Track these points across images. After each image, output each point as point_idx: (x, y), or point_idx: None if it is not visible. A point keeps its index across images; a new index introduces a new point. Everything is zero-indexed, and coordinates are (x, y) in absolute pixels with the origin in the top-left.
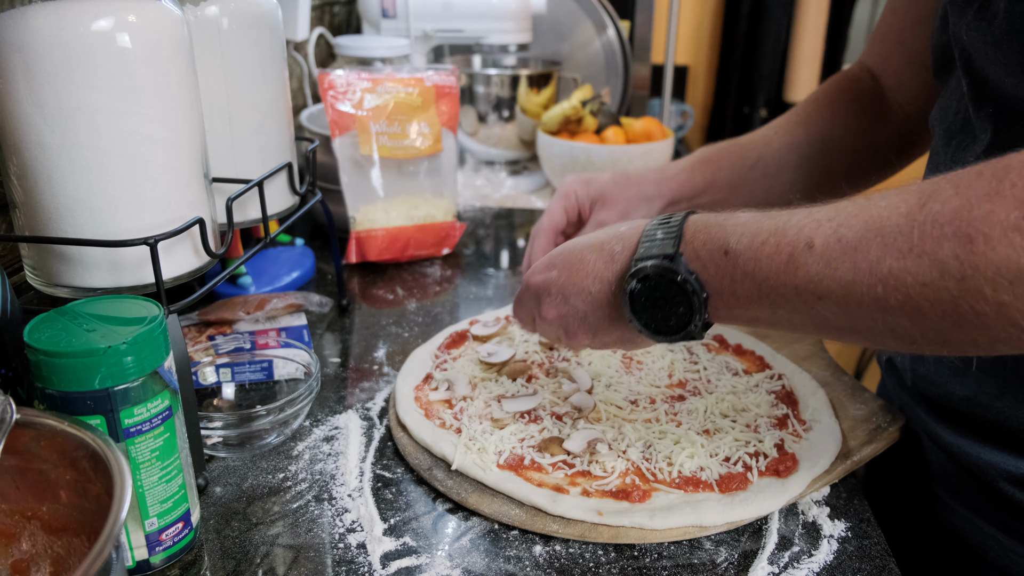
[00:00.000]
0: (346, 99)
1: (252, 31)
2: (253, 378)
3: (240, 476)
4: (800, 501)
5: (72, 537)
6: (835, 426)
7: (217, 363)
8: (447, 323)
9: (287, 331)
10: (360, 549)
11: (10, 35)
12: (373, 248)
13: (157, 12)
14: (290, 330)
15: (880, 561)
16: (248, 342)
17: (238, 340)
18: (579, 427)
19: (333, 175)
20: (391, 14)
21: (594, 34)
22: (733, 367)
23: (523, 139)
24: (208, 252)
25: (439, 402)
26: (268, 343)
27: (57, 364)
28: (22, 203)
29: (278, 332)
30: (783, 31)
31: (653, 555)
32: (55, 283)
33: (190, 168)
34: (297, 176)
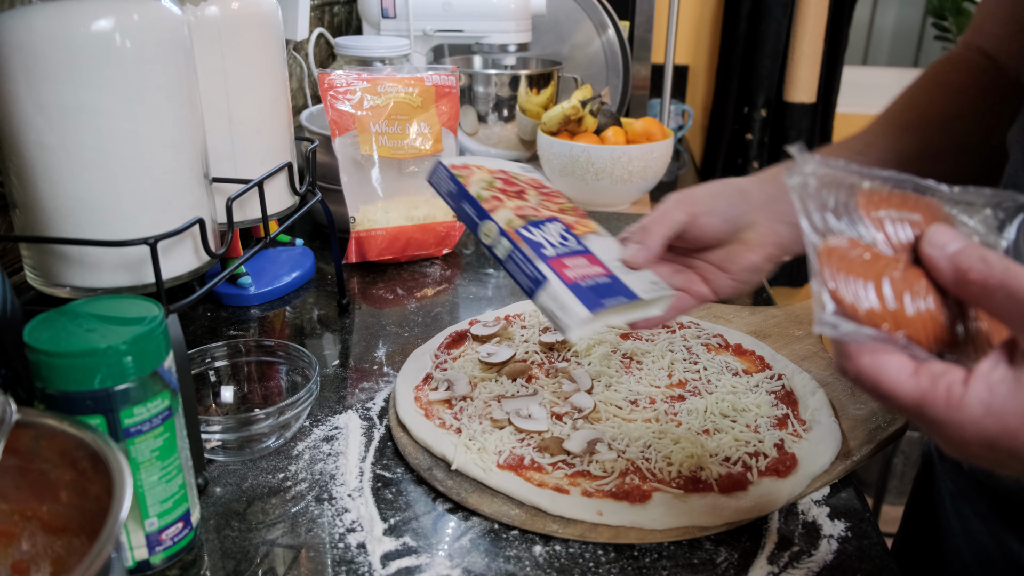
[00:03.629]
0: (346, 99)
1: (252, 31)
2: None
3: (240, 476)
4: (800, 501)
5: (72, 537)
6: (835, 426)
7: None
8: (447, 323)
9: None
10: (360, 549)
11: (10, 35)
12: (373, 248)
13: (157, 12)
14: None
15: (880, 561)
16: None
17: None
18: (579, 427)
19: (333, 175)
20: (391, 14)
21: (594, 34)
22: (733, 367)
23: (523, 139)
24: (208, 252)
25: (439, 402)
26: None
27: (57, 364)
28: (22, 203)
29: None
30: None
31: (653, 555)
32: (55, 283)
33: (190, 168)
34: (297, 176)
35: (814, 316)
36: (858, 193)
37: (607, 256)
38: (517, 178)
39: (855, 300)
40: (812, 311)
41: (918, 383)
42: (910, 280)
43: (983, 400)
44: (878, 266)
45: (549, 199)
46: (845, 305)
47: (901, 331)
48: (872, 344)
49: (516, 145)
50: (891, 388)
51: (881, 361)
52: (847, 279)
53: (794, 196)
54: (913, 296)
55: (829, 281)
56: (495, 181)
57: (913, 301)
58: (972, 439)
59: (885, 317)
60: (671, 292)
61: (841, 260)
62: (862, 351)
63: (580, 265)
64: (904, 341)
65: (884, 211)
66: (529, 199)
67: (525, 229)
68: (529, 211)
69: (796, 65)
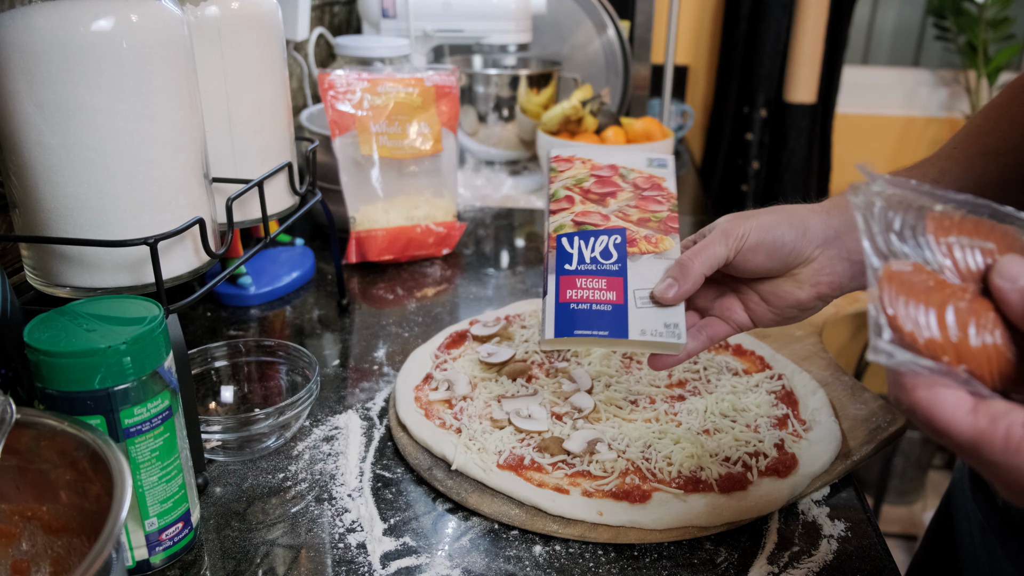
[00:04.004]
0: (346, 99)
1: (252, 31)
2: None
3: (240, 476)
4: (800, 501)
5: (72, 537)
6: (835, 426)
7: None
8: (447, 323)
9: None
10: (360, 549)
11: (10, 35)
12: (373, 248)
13: (157, 12)
14: None
15: (880, 561)
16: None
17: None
18: (579, 427)
19: (333, 175)
20: (391, 14)
21: (594, 34)
22: (733, 367)
23: (523, 139)
24: (208, 252)
25: (439, 402)
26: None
27: (57, 364)
28: (22, 203)
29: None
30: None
31: (653, 555)
32: (55, 283)
33: (190, 168)
34: (297, 176)
35: (869, 342)
36: (928, 216)
37: (640, 283)
38: (624, 177)
39: (915, 328)
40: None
41: (976, 422)
42: (976, 311)
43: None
44: (943, 294)
45: (643, 204)
46: (904, 333)
47: (963, 365)
48: (930, 377)
49: (516, 145)
50: (946, 425)
51: (938, 396)
52: (908, 305)
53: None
54: (978, 328)
55: (888, 307)
56: (587, 179)
57: (978, 334)
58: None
59: (946, 349)
60: (680, 343)
61: (903, 285)
62: (918, 383)
63: (595, 287)
64: (965, 376)
65: (955, 237)
66: (612, 203)
67: (567, 238)
68: (595, 218)
69: (796, 65)
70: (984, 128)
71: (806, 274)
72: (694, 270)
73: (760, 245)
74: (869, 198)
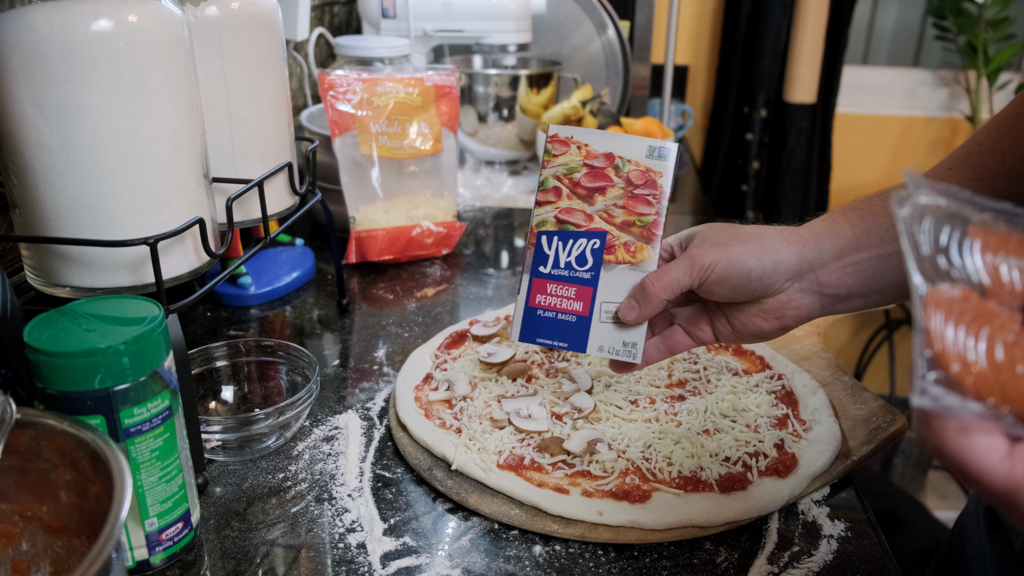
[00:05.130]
0: (346, 99)
1: (252, 31)
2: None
3: (240, 476)
4: (800, 501)
5: (72, 537)
6: (835, 426)
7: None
8: (447, 323)
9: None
10: (360, 549)
11: (10, 35)
12: (373, 248)
13: (157, 12)
14: None
15: (879, 561)
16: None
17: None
18: (579, 427)
19: (333, 175)
20: (391, 14)
21: (594, 34)
22: (733, 367)
23: (523, 139)
24: (208, 252)
25: (439, 402)
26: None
27: (57, 364)
28: (22, 203)
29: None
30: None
31: (653, 555)
32: (55, 283)
33: (190, 168)
34: (297, 176)
35: (913, 382)
36: (971, 229)
37: (609, 295)
38: (618, 169)
39: (963, 367)
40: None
41: (1012, 469)
42: (1023, 345)
43: None
44: (992, 326)
45: (631, 203)
46: (951, 372)
47: (1008, 407)
48: (965, 420)
49: (516, 145)
50: (979, 472)
51: (971, 442)
52: (956, 340)
53: (902, 230)
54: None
55: (936, 341)
56: (579, 168)
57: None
58: None
59: (993, 389)
60: (635, 363)
61: (950, 312)
62: (948, 426)
63: (563, 295)
64: (1011, 420)
65: (1002, 256)
66: (600, 201)
67: (547, 236)
68: (579, 217)
69: (796, 65)
70: (985, 147)
71: (772, 305)
72: (655, 296)
73: (726, 277)
74: (916, 211)
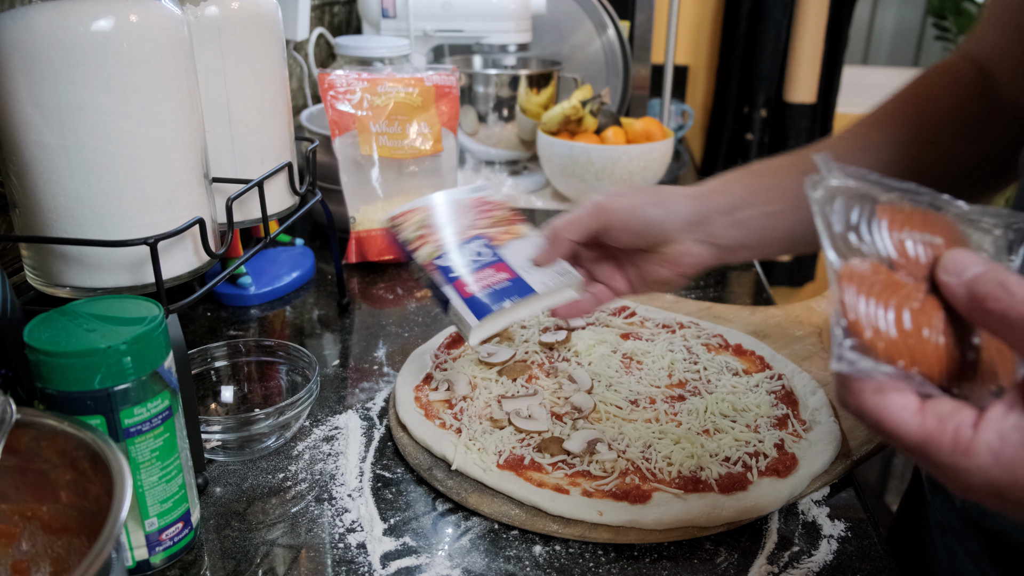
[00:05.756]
0: (346, 99)
1: (252, 31)
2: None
3: (240, 476)
4: (800, 501)
5: (72, 537)
6: (835, 426)
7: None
8: (447, 323)
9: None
10: (360, 549)
11: (10, 35)
12: (373, 248)
13: (157, 12)
14: None
15: (880, 561)
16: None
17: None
18: (579, 427)
19: (333, 175)
20: (391, 14)
21: (594, 34)
22: (733, 367)
23: (523, 139)
24: (208, 252)
25: (439, 402)
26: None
27: (57, 364)
28: (22, 203)
29: None
30: (783, 31)
31: (653, 555)
32: (55, 283)
33: (190, 168)
34: (297, 176)
35: (832, 350)
36: (879, 208)
37: (520, 258)
38: (458, 203)
39: (875, 335)
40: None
41: (923, 423)
42: (928, 312)
43: (993, 448)
44: (899, 295)
45: (485, 214)
46: (864, 339)
47: (916, 368)
48: (879, 381)
49: (516, 145)
50: (895, 428)
51: (886, 400)
52: (867, 310)
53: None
54: (931, 330)
55: (850, 312)
56: (427, 219)
57: (931, 335)
58: (978, 486)
59: (903, 352)
60: (577, 278)
61: (862, 285)
62: (865, 388)
63: (486, 276)
64: (920, 379)
65: (907, 232)
66: (460, 223)
67: (440, 258)
68: (453, 238)
69: (796, 65)
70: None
71: (671, 253)
72: (563, 237)
73: (627, 223)
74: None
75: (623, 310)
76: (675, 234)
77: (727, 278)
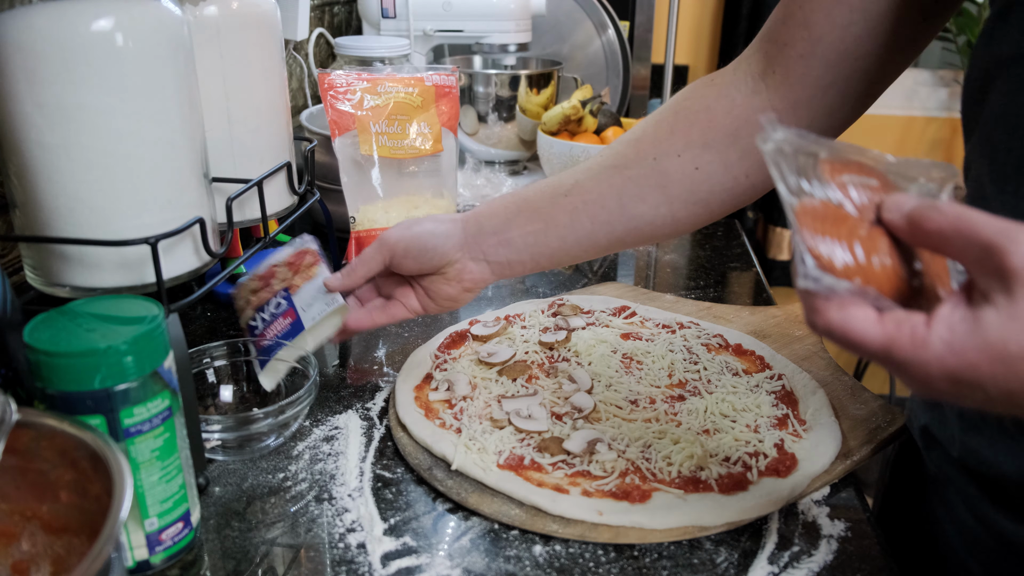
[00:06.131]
0: (346, 99)
1: (251, 31)
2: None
3: (240, 476)
4: (800, 501)
5: (72, 537)
6: (835, 426)
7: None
8: (447, 323)
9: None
10: (360, 549)
11: (10, 35)
12: None
13: (157, 12)
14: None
15: (880, 561)
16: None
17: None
18: (579, 427)
19: (333, 175)
20: (391, 14)
21: (594, 34)
22: (733, 367)
23: (523, 139)
24: (208, 252)
25: (439, 402)
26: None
27: (57, 364)
28: (22, 203)
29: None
30: None
31: (653, 555)
32: (55, 283)
33: (190, 168)
34: (296, 176)
35: (796, 272)
36: (821, 161)
37: (305, 300)
38: (277, 265)
39: (832, 257)
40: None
41: (884, 328)
42: (874, 239)
43: (945, 339)
44: (848, 226)
45: (291, 267)
46: (823, 261)
47: (871, 285)
48: (841, 298)
49: (516, 145)
50: (860, 336)
51: (849, 313)
52: (823, 238)
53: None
54: (878, 254)
55: (809, 239)
56: (255, 285)
57: (879, 258)
58: (936, 375)
59: (857, 272)
60: (342, 304)
61: (815, 219)
62: (830, 305)
63: (277, 325)
64: (875, 294)
65: (847, 176)
66: (274, 283)
67: (252, 320)
68: (265, 295)
69: None
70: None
71: (452, 272)
72: (357, 274)
73: (408, 251)
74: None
75: (623, 310)
76: (452, 255)
77: (727, 278)
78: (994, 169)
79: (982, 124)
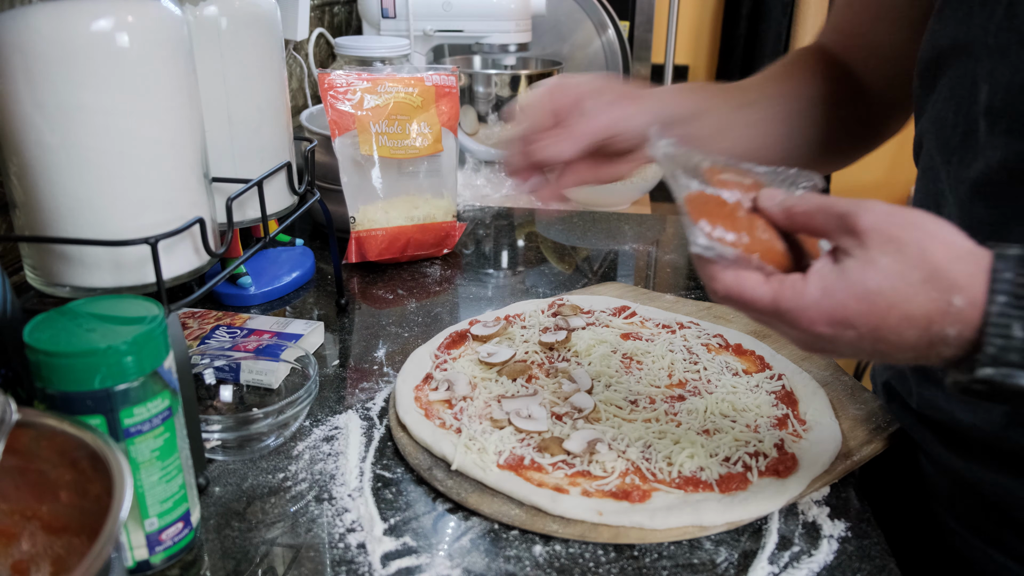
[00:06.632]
0: (346, 99)
1: (251, 31)
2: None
3: (240, 476)
4: (800, 501)
5: (72, 537)
6: (835, 426)
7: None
8: (447, 323)
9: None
10: (360, 549)
11: (10, 35)
12: (373, 248)
13: (157, 12)
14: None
15: (880, 561)
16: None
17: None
18: (579, 427)
19: (333, 175)
20: (391, 14)
21: (594, 34)
22: (733, 367)
23: None
24: (208, 252)
25: (439, 402)
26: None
27: (57, 364)
28: (22, 203)
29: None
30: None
31: (653, 555)
32: (55, 283)
33: (190, 168)
34: (296, 176)
35: (691, 243)
36: (705, 170)
37: None
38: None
39: (719, 233)
40: None
41: (771, 286)
42: (752, 220)
43: (819, 285)
44: (728, 210)
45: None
46: (713, 236)
47: (755, 254)
48: (733, 264)
49: None
50: (751, 295)
51: (741, 276)
52: (711, 216)
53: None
54: (757, 231)
55: (700, 220)
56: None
57: (759, 232)
58: (816, 318)
59: (739, 244)
60: None
61: (703, 204)
62: (726, 271)
63: None
64: (757, 261)
65: (726, 175)
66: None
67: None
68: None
69: None
70: (786, 72)
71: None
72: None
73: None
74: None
75: (623, 310)
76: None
77: None
78: (941, 143)
79: (932, 104)
